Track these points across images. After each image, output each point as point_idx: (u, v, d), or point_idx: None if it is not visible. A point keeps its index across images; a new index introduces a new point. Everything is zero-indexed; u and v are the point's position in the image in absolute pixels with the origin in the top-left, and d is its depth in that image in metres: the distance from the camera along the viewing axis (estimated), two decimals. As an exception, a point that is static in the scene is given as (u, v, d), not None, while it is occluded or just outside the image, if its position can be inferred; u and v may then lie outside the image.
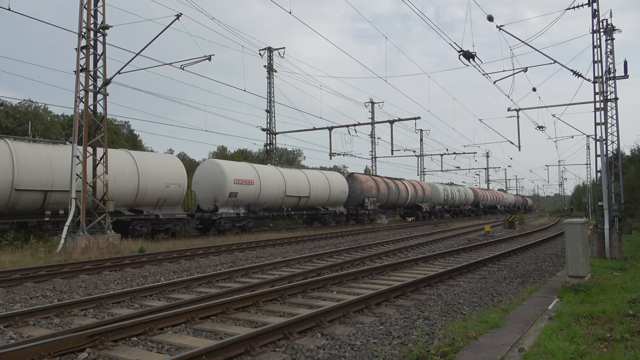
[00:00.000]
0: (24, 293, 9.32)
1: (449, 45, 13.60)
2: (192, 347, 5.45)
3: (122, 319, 6.46)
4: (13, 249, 15.25)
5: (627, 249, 15.38)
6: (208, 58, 18.26)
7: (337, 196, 32.49)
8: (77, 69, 16.48)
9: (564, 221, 9.95)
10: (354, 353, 5.33)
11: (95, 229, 16.59)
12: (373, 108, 46.41)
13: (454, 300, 8.23)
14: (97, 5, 16.79)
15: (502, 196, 77.14)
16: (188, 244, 19.08)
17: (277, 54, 33.97)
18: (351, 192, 34.15)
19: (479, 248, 17.47)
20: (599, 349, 5.09)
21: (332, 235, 23.79)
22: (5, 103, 39.06)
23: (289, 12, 17.22)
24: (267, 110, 34.36)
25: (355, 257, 14.51)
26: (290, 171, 29.49)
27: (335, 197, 32.29)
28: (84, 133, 16.38)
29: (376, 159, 48.47)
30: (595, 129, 15.65)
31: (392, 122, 33.50)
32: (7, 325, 6.69)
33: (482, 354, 5.00)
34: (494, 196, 71.21)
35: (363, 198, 34.64)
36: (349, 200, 34.21)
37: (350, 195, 34.22)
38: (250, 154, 58.18)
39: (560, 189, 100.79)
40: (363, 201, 34.76)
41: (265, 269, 12.19)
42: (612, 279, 9.80)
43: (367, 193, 35.23)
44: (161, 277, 11.25)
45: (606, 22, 17.80)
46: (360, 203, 34.85)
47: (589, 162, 51.25)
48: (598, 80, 15.86)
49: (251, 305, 7.71)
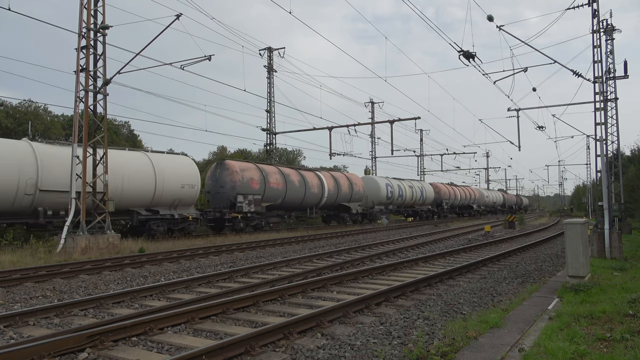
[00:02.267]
0: (24, 293, 9.31)
1: (449, 45, 13.61)
2: (192, 347, 5.44)
3: (122, 319, 6.46)
4: (13, 249, 15.25)
5: (627, 249, 15.38)
6: (208, 58, 18.26)
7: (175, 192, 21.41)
8: (77, 69, 16.48)
9: (564, 221, 9.95)
10: (354, 353, 5.33)
11: (95, 229, 16.59)
12: (373, 108, 46.43)
13: (454, 300, 8.23)
14: (97, 5, 16.79)
15: (480, 194, 62.64)
16: (188, 244, 19.07)
17: (277, 54, 33.99)
18: (219, 186, 24.46)
19: (479, 248, 17.46)
20: (599, 349, 5.09)
21: (333, 235, 23.80)
22: (5, 103, 39.05)
23: (289, 12, 17.21)
24: (267, 110, 34.37)
25: (355, 257, 14.51)
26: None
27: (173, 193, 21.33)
28: (84, 133, 16.38)
29: (376, 159, 48.50)
30: (595, 129, 15.65)
31: (392, 122, 33.50)
32: (7, 325, 6.69)
33: (482, 354, 5.00)
34: (467, 194, 57.45)
35: (235, 195, 23.94)
36: (217, 197, 24.56)
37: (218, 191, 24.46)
38: (250, 153, 58.17)
39: (560, 189, 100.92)
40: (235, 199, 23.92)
41: (265, 269, 12.19)
42: (612, 279, 9.80)
43: (243, 188, 24.33)
44: (161, 277, 11.25)
45: (606, 22, 17.83)
46: (231, 203, 24.16)
47: (589, 162, 51.30)
48: (598, 80, 15.86)
49: (251, 305, 7.71)
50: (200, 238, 21.65)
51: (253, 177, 25.21)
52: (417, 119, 32.53)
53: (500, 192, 77.30)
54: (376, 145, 47.98)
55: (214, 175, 25.10)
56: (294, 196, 28.12)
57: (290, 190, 27.59)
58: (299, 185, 28.41)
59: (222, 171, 24.82)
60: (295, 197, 28.21)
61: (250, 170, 25.36)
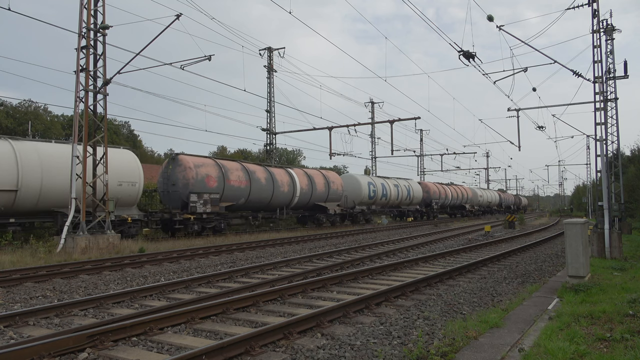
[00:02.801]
0: (24, 293, 9.31)
1: (449, 45, 13.61)
2: (192, 347, 5.44)
3: (122, 319, 6.46)
4: (13, 249, 15.25)
5: (627, 249, 15.38)
6: (208, 58, 18.27)
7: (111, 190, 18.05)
8: (77, 69, 16.48)
9: (564, 221, 9.95)
10: (354, 353, 5.33)
11: (95, 229, 16.59)
12: (373, 108, 46.42)
13: (454, 300, 8.23)
14: (97, 5, 16.79)
15: (473, 194, 59.29)
16: (188, 244, 19.07)
17: (277, 54, 33.99)
18: (170, 184, 21.99)
19: (479, 248, 17.47)
20: (599, 349, 5.09)
21: (333, 235, 23.80)
22: (5, 103, 39.12)
23: (289, 12, 17.22)
24: (267, 110, 34.37)
25: (355, 257, 14.51)
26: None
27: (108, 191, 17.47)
28: (84, 133, 16.38)
29: (376, 159, 48.48)
30: (595, 129, 15.65)
31: (392, 122, 33.50)
32: (7, 325, 6.69)
33: (482, 354, 5.00)
34: (459, 193, 54.13)
35: (188, 194, 21.47)
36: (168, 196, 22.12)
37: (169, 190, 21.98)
38: (250, 154, 58.22)
39: (560, 189, 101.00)
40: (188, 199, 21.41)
41: (265, 269, 12.19)
42: (612, 279, 9.80)
43: (197, 186, 21.81)
44: (161, 277, 11.25)
45: (606, 22, 17.82)
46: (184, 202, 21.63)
47: (589, 162, 51.35)
48: (598, 80, 15.86)
49: (251, 305, 7.71)
50: (200, 238, 21.65)
51: (210, 174, 22.56)
52: (417, 119, 32.54)
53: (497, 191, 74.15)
54: (376, 145, 47.98)
55: (166, 172, 22.47)
56: (261, 195, 25.43)
57: (255, 189, 24.94)
58: (265, 183, 25.65)
59: (174, 167, 22.15)
60: (261, 197, 25.55)
61: (207, 166, 22.76)
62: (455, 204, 53.42)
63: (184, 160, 22.18)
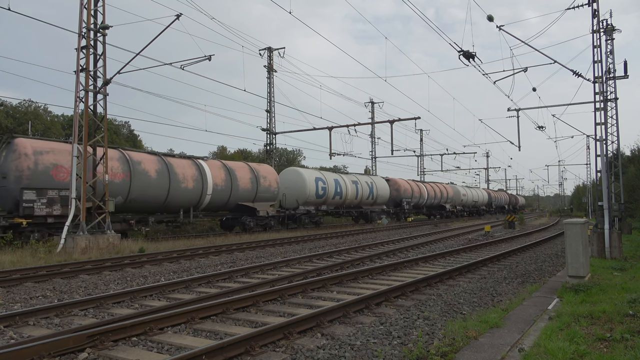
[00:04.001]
0: (24, 293, 9.31)
1: (449, 45, 13.60)
2: (192, 347, 5.44)
3: (122, 319, 6.46)
4: (13, 249, 15.24)
5: (627, 249, 15.38)
6: (208, 58, 18.26)
7: None
8: (77, 69, 16.48)
9: (563, 221, 9.95)
10: (354, 353, 5.33)
11: (95, 229, 16.59)
12: (373, 108, 46.42)
13: (454, 300, 8.23)
14: (97, 5, 16.79)
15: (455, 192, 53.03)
16: (188, 244, 19.07)
17: (277, 54, 33.99)
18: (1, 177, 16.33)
19: (479, 248, 17.47)
20: (599, 349, 5.09)
21: (332, 235, 23.81)
22: (5, 103, 39.09)
23: (289, 13, 17.23)
24: (267, 110, 34.37)
25: (355, 257, 14.51)
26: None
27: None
28: (84, 133, 16.38)
29: (376, 159, 48.47)
30: (595, 129, 15.65)
31: (392, 122, 33.51)
32: (7, 325, 6.69)
33: (482, 354, 5.00)
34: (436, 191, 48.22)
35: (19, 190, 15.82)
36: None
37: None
38: (250, 154, 58.18)
39: (560, 189, 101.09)
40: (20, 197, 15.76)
41: (265, 269, 12.19)
42: (612, 279, 9.80)
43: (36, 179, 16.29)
44: (161, 277, 11.25)
45: (606, 22, 17.82)
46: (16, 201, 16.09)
47: (589, 162, 51.30)
48: (598, 80, 15.86)
49: (251, 305, 7.71)
50: (200, 238, 21.65)
51: (59, 164, 16.77)
52: (417, 119, 32.57)
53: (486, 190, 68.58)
54: (376, 145, 47.96)
55: None
56: (149, 193, 19.85)
57: (139, 185, 19.31)
58: (157, 177, 20.07)
59: (7, 154, 16.40)
60: (150, 195, 19.92)
61: (57, 153, 16.87)
62: (432, 204, 47.90)
63: (19, 144, 16.34)
